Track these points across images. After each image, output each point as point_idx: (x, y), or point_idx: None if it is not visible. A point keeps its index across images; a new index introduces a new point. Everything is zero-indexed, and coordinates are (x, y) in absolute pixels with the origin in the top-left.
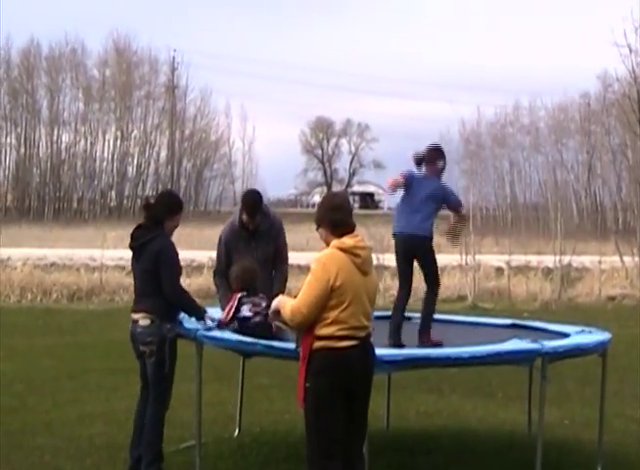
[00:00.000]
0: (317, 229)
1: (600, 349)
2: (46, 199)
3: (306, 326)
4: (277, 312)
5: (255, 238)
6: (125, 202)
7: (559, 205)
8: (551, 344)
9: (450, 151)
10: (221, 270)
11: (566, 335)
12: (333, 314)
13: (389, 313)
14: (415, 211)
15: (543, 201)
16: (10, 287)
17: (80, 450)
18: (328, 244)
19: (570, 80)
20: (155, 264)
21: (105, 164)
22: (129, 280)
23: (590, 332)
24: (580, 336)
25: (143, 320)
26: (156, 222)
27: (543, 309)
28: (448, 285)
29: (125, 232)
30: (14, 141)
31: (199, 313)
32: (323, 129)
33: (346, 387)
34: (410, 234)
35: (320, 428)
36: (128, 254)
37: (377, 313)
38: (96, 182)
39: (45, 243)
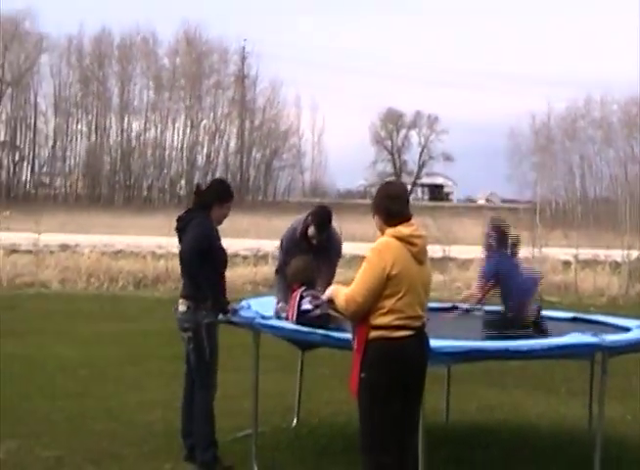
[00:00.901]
0: (373, 216)
1: None
2: (116, 186)
3: (361, 315)
4: (331, 301)
5: (314, 252)
6: (195, 188)
7: (628, 199)
8: (611, 337)
9: (520, 144)
10: (279, 269)
11: (627, 329)
12: (389, 304)
13: (449, 305)
14: None
15: (613, 195)
16: (77, 273)
17: (138, 437)
18: (383, 232)
19: None
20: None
21: (174, 152)
22: None
23: None
24: None
25: (181, 306)
26: (203, 208)
27: (610, 304)
28: None
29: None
30: (85, 128)
31: (215, 301)
32: (393, 121)
33: (402, 378)
34: None
35: (375, 420)
36: None
37: (433, 305)
38: (166, 171)
39: (114, 230)
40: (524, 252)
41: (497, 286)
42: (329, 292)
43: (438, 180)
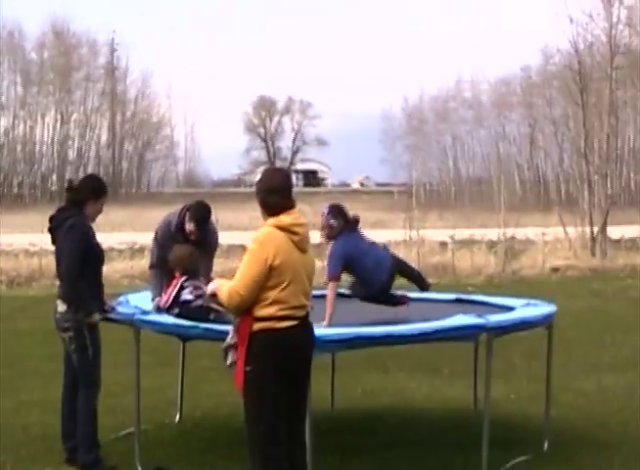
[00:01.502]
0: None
1: (546, 321)
2: None
3: (245, 308)
4: (213, 296)
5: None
6: (66, 185)
7: (502, 178)
8: (496, 318)
9: (393, 126)
10: (155, 264)
11: (511, 308)
12: (272, 294)
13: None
14: None
15: (486, 174)
16: None
17: (15, 441)
18: (265, 221)
19: (511, 54)
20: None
21: (45, 147)
22: None
23: (535, 305)
24: (526, 309)
25: (60, 306)
26: (76, 205)
27: (488, 283)
28: None
29: None
30: None
31: (89, 307)
32: (265, 108)
33: (288, 368)
34: None
35: (262, 412)
36: None
37: (315, 292)
38: (36, 166)
39: None
40: (400, 234)
41: (351, 265)
42: (212, 286)
43: (313, 166)
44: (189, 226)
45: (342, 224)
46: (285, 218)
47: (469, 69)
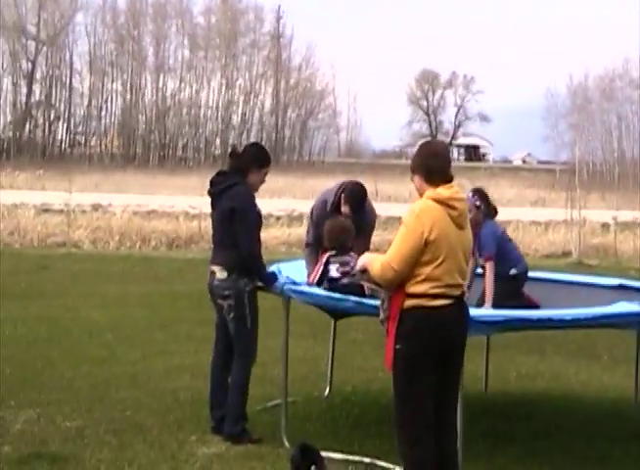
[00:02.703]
0: (412, 178)
1: None
2: (151, 146)
3: (397, 283)
4: (364, 271)
5: None
6: (230, 150)
7: None
8: None
9: (557, 104)
10: (311, 242)
11: None
12: (426, 271)
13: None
14: None
15: None
16: (109, 233)
17: (164, 406)
18: (422, 194)
19: None
20: (231, 215)
21: (209, 111)
22: None
23: None
24: None
25: (220, 273)
26: (239, 172)
27: None
28: (553, 240)
29: None
30: (120, 87)
31: (267, 282)
32: (429, 81)
33: (440, 349)
34: None
35: (411, 394)
36: None
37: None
38: (201, 130)
39: (148, 190)
40: (561, 214)
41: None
42: (362, 260)
43: (475, 141)
44: (344, 209)
45: (485, 209)
46: (443, 192)
47: (637, 47)
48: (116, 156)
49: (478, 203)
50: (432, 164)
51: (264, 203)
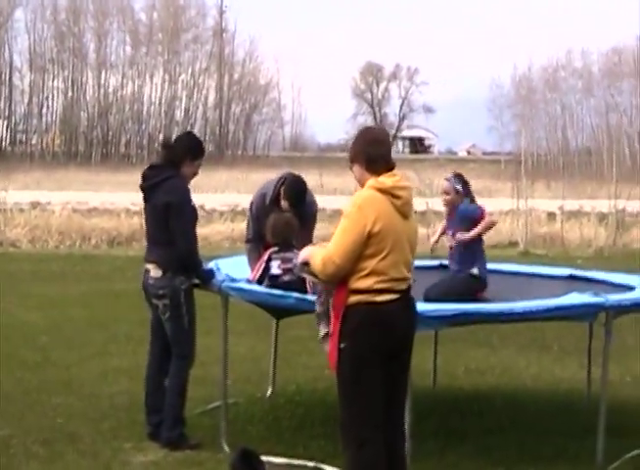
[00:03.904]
0: (351, 167)
1: None
2: (94, 142)
3: (339, 279)
4: (305, 264)
5: None
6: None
7: (612, 148)
8: (615, 297)
9: (501, 95)
10: (251, 238)
11: (631, 288)
12: (370, 264)
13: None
14: None
15: (596, 145)
16: (48, 232)
17: (99, 412)
18: (363, 184)
19: (623, 23)
20: (166, 211)
21: (152, 108)
22: None
23: None
24: None
25: (155, 271)
26: (172, 164)
27: (597, 256)
28: (499, 230)
29: None
30: (61, 85)
31: (204, 279)
32: (372, 73)
33: (387, 346)
34: None
35: (358, 393)
36: None
37: (418, 263)
38: (144, 126)
39: (91, 187)
40: (508, 204)
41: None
42: (304, 254)
43: (419, 133)
44: (283, 203)
45: (463, 193)
46: (386, 180)
47: (579, 38)
48: (58, 153)
49: (458, 186)
50: (372, 151)
51: (208, 198)
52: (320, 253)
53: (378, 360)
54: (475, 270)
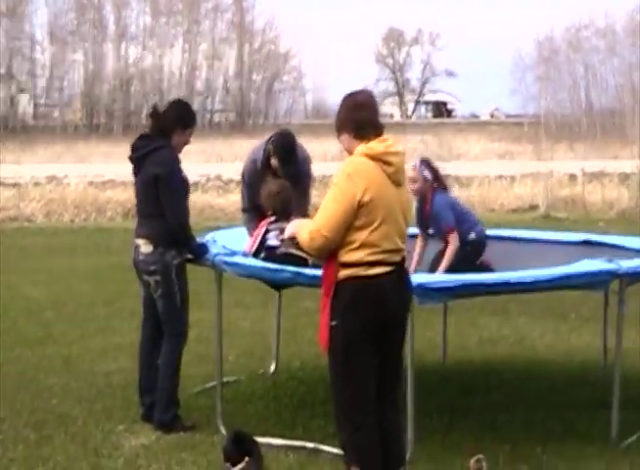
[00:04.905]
0: (338, 137)
1: None
2: (115, 115)
3: (328, 252)
4: (293, 239)
5: None
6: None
7: (636, 108)
8: (630, 264)
9: (523, 57)
10: (246, 207)
11: None
12: (361, 236)
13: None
14: None
15: (620, 105)
16: (63, 206)
17: (94, 391)
18: (352, 153)
19: None
20: (154, 183)
21: (173, 78)
22: None
23: None
24: None
25: (145, 246)
26: (162, 133)
27: (620, 218)
28: (520, 194)
29: (192, 147)
30: (81, 57)
31: (197, 254)
32: (394, 39)
33: (380, 322)
34: None
35: (351, 374)
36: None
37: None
38: (165, 97)
39: (111, 159)
40: (529, 167)
41: None
42: (290, 228)
43: (442, 97)
44: (273, 161)
45: (432, 180)
46: (376, 146)
47: None
48: (80, 126)
49: (426, 174)
50: (359, 117)
51: (227, 167)
52: (307, 226)
53: (371, 338)
54: (472, 235)
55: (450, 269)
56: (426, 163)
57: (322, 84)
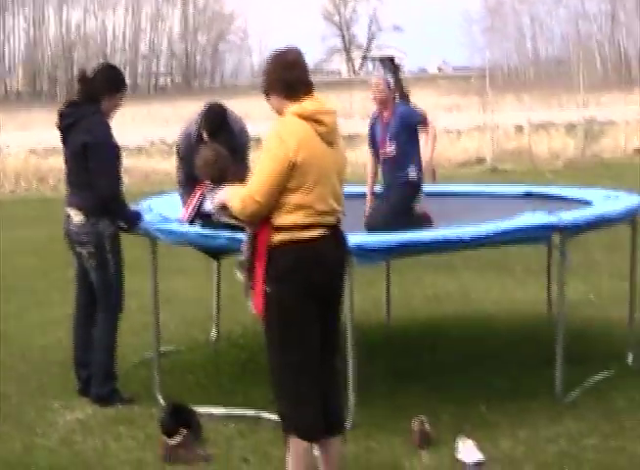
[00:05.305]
0: (267, 98)
1: (628, 217)
2: (58, 81)
3: (261, 217)
4: (224, 207)
5: None
6: (139, 80)
7: (581, 56)
8: (570, 216)
9: (469, 9)
10: (182, 181)
11: (588, 203)
12: (294, 199)
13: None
14: None
15: (566, 54)
16: (4, 175)
17: (30, 367)
18: (282, 114)
19: None
20: (84, 151)
21: (117, 42)
22: (130, 163)
23: (617, 197)
24: (605, 203)
25: (76, 216)
26: (90, 99)
27: (567, 168)
28: (466, 147)
29: (138, 111)
30: (22, 23)
31: (131, 223)
32: None
33: (317, 287)
34: None
35: (290, 343)
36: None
37: (350, 190)
38: (109, 61)
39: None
40: (475, 119)
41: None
42: (221, 196)
43: (390, 52)
44: (204, 134)
45: (398, 91)
46: (308, 105)
47: None
48: (23, 93)
49: (390, 80)
50: (289, 76)
51: (173, 130)
52: (238, 192)
53: (308, 302)
54: (412, 174)
55: (391, 211)
56: (389, 63)
57: (268, 44)
